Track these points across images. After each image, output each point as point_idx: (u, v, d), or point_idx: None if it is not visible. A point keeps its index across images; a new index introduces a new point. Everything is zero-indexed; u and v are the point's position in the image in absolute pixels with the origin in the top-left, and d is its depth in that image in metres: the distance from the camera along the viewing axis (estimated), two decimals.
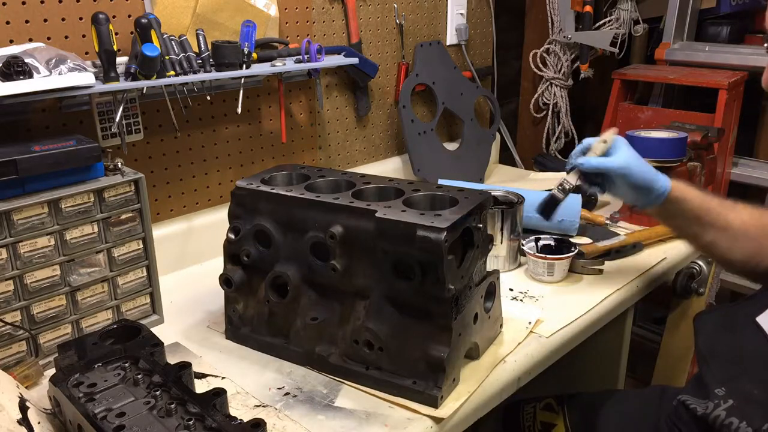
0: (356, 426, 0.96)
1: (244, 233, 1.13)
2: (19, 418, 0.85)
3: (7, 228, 1.02)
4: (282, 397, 1.03)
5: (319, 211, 1.05)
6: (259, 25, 1.45)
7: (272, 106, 1.62)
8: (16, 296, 1.05)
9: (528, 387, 1.15)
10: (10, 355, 1.06)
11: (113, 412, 0.86)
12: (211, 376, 1.08)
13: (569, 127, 2.47)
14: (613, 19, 2.38)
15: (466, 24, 2.05)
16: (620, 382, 1.57)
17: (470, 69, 2.11)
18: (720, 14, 2.46)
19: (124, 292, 1.19)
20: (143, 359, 0.97)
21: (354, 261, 1.03)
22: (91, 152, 1.10)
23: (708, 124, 2.01)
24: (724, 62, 2.27)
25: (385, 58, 1.87)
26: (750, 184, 2.32)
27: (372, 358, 1.03)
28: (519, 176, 2.14)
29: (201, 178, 1.54)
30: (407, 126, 1.85)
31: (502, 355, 1.12)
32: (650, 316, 2.34)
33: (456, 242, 0.98)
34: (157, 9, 1.34)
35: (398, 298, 1.01)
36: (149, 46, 1.18)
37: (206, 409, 0.85)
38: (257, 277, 1.14)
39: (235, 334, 1.19)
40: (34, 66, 1.07)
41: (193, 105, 1.39)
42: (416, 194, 1.08)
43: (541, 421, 1.37)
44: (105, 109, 1.29)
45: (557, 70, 2.38)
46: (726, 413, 0.92)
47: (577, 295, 1.34)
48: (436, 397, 0.98)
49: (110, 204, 1.13)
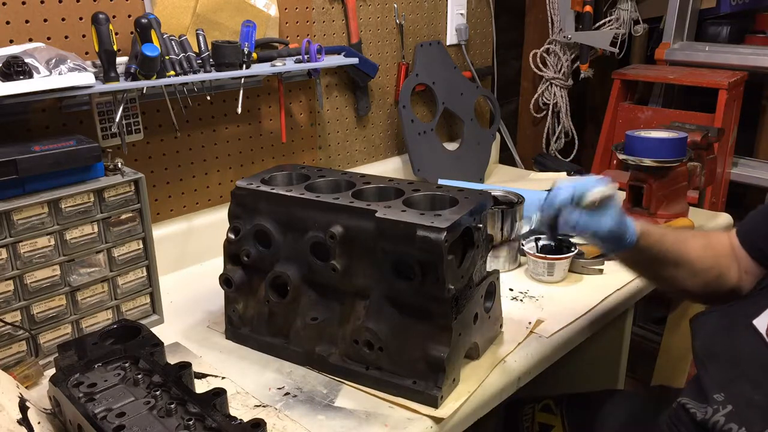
0: (356, 426, 0.96)
1: (244, 233, 1.13)
2: (19, 418, 0.85)
3: (7, 228, 1.02)
4: (282, 397, 1.03)
5: (319, 211, 1.05)
6: (259, 25, 1.45)
7: (272, 106, 1.62)
8: (16, 296, 1.05)
9: (528, 387, 1.15)
10: (10, 355, 1.06)
11: (113, 412, 0.86)
12: (211, 376, 1.08)
13: (569, 127, 2.47)
14: (613, 19, 2.38)
15: (466, 24, 2.05)
16: (620, 382, 1.57)
17: (470, 69, 2.11)
18: (720, 14, 2.47)
19: (124, 292, 1.19)
20: (143, 359, 0.97)
21: (354, 261, 1.03)
22: (91, 152, 1.10)
23: (708, 124, 2.01)
24: (724, 62, 2.27)
25: (385, 58, 1.87)
26: (750, 184, 2.32)
27: (372, 358, 1.03)
28: (519, 176, 2.14)
29: (201, 178, 1.54)
30: (407, 126, 1.85)
31: (502, 355, 1.12)
32: (650, 316, 2.34)
33: (456, 242, 0.98)
34: (157, 9, 1.34)
35: (398, 298, 1.01)
36: (149, 46, 1.18)
37: (206, 409, 0.85)
38: (257, 277, 1.14)
39: (235, 334, 1.19)
40: (34, 66, 1.07)
41: (193, 105, 1.39)
42: (416, 194, 1.08)
43: (539, 422, 1.37)
44: (105, 109, 1.29)
45: (557, 70, 2.38)
46: (725, 419, 0.92)
47: (577, 295, 1.34)
48: (436, 397, 0.98)
49: (110, 204, 1.13)
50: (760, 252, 1.10)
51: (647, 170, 1.62)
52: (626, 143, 1.65)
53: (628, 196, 1.69)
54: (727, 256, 1.13)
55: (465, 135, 2.00)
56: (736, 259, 1.13)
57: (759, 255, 1.10)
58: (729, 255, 1.13)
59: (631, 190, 1.68)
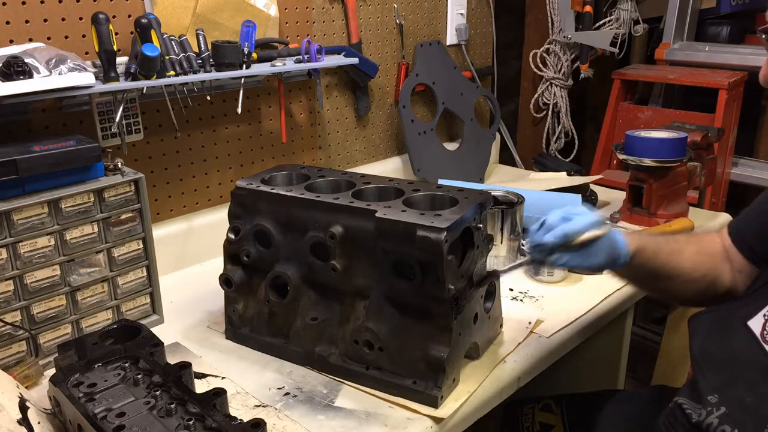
0: (356, 426, 0.96)
1: (244, 233, 1.13)
2: (19, 418, 0.85)
3: (7, 228, 1.02)
4: (282, 397, 1.03)
5: (319, 211, 1.05)
6: (259, 25, 1.45)
7: (272, 106, 1.62)
8: (16, 296, 1.05)
9: (528, 387, 1.15)
10: (10, 355, 1.06)
11: (113, 412, 0.86)
12: (211, 376, 1.08)
13: (569, 127, 2.47)
14: (613, 19, 2.38)
15: (466, 24, 2.05)
16: (620, 382, 1.57)
17: (470, 69, 2.11)
18: (720, 14, 2.47)
19: (124, 292, 1.19)
20: (143, 359, 0.97)
21: (354, 261, 1.03)
22: (91, 152, 1.10)
23: (708, 124, 2.01)
24: (724, 62, 2.27)
25: (385, 58, 1.87)
26: (750, 184, 2.32)
27: (372, 358, 1.03)
28: (519, 176, 2.14)
29: (201, 178, 1.54)
30: (407, 126, 1.85)
31: (502, 355, 1.12)
32: (650, 316, 2.34)
33: (456, 242, 0.98)
34: (157, 9, 1.34)
35: (398, 298, 1.01)
36: (149, 46, 1.18)
37: (206, 409, 0.85)
38: (257, 277, 1.14)
39: (235, 334, 1.19)
40: (34, 66, 1.07)
41: (193, 105, 1.39)
42: (416, 194, 1.08)
43: (539, 422, 1.37)
44: (105, 109, 1.29)
45: (557, 70, 2.38)
46: (719, 420, 0.92)
47: (577, 295, 1.34)
48: (436, 397, 0.98)
49: (110, 204, 1.13)
50: (750, 250, 1.10)
51: (647, 170, 1.62)
52: (626, 143, 1.65)
53: (628, 196, 1.70)
54: (719, 258, 1.13)
55: (465, 135, 2.00)
56: (728, 259, 1.13)
57: (750, 253, 1.10)
58: (721, 255, 1.13)
59: (631, 190, 1.68)
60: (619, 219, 1.70)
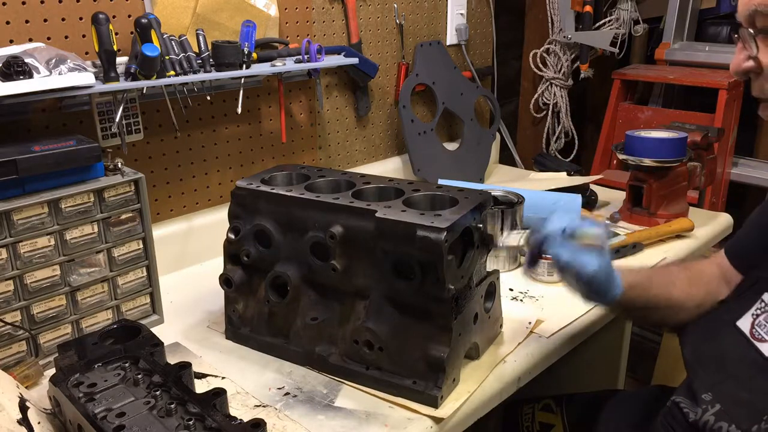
0: (356, 426, 0.96)
1: (244, 233, 1.13)
2: (19, 418, 0.85)
3: (7, 228, 1.02)
4: (282, 397, 1.03)
5: (319, 211, 1.05)
6: (259, 25, 1.45)
7: (272, 106, 1.62)
8: (16, 296, 1.05)
9: (528, 387, 1.15)
10: (10, 355, 1.06)
11: (113, 412, 0.86)
12: (211, 376, 1.08)
13: (569, 127, 2.48)
14: (613, 19, 2.38)
15: (466, 24, 2.05)
16: (620, 382, 1.57)
17: (470, 69, 2.11)
18: (720, 14, 2.47)
19: (124, 292, 1.19)
20: (143, 359, 0.97)
21: (354, 261, 1.03)
22: (91, 152, 1.10)
23: (708, 124, 2.01)
24: (724, 62, 2.26)
25: (385, 58, 1.87)
26: (750, 184, 2.32)
27: (372, 358, 1.03)
28: (519, 176, 2.14)
29: (201, 178, 1.54)
30: (407, 126, 1.85)
31: (502, 355, 1.12)
32: None
33: (456, 242, 0.98)
34: (157, 9, 1.34)
35: (398, 298, 1.01)
36: (149, 46, 1.18)
37: (206, 409, 0.85)
38: (257, 277, 1.14)
39: (235, 334, 1.19)
40: (34, 66, 1.07)
41: (193, 105, 1.39)
42: (416, 194, 1.08)
43: (539, 421, 1.37)
44: (105, 109, 1.29)
45: (557, 70, 2.38)
46: (715, 418, 0.93)
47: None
48: (436, 397, 0.98)
49: (110, 204, 1.13)
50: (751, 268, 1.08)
51: (647, 170, 1.62)
52: (626, 143, 1.65)
53: (628, 196, 1.70)
54: (716, 282, 1.12)
55: (465, 135, 2.00)
56: (726, 280, 1.12)
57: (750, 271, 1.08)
58: (718, 279, 1.13)
59: (631, 190, 1.68)
60: (619, 219, 1.70)
